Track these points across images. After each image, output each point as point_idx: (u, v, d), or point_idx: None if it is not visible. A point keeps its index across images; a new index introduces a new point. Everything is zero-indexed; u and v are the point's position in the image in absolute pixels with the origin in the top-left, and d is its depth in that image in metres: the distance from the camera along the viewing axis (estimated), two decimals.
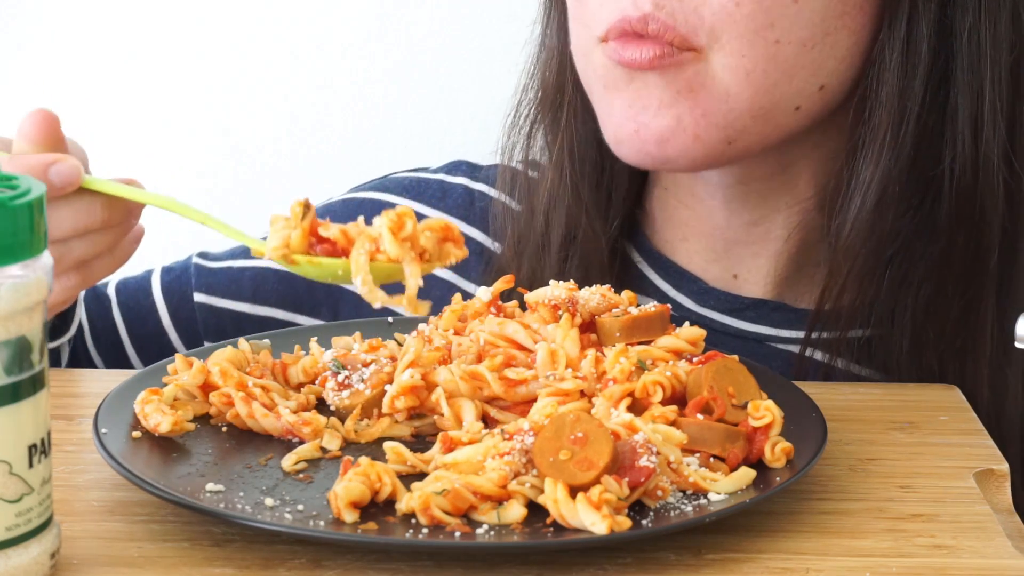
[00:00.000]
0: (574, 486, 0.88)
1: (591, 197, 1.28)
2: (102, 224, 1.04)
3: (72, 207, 1.03)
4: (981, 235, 1.20)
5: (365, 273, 0.95)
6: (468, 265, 1.31)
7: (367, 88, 1.74)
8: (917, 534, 0.92)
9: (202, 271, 1.36)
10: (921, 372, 1.21)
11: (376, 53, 1.73)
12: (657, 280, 1.30)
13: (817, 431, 0.99)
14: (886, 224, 1.20)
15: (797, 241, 1.27)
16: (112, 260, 1.08)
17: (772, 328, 1.27)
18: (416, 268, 0.96)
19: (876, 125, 1.19)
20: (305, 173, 1.76)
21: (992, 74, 1.19)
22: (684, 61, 1.15)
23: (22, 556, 0.83)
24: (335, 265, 0.97)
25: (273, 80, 1.74)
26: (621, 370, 0.99)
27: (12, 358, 0.81)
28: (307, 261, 0.97)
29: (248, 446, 0.99)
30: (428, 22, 1.72)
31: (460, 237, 0.99)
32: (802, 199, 1.26)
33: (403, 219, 0.96)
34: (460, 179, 1.37)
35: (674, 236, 1.30)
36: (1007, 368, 1.22)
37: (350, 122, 1.73)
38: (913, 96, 1.18)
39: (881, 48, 1.18)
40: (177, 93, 1.75)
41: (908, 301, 1.21)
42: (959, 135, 1.19)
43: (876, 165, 1.19)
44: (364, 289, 0.95)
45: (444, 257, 0.99)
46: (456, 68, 1.74)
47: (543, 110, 1.30)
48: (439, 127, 1.74)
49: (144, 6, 1.73)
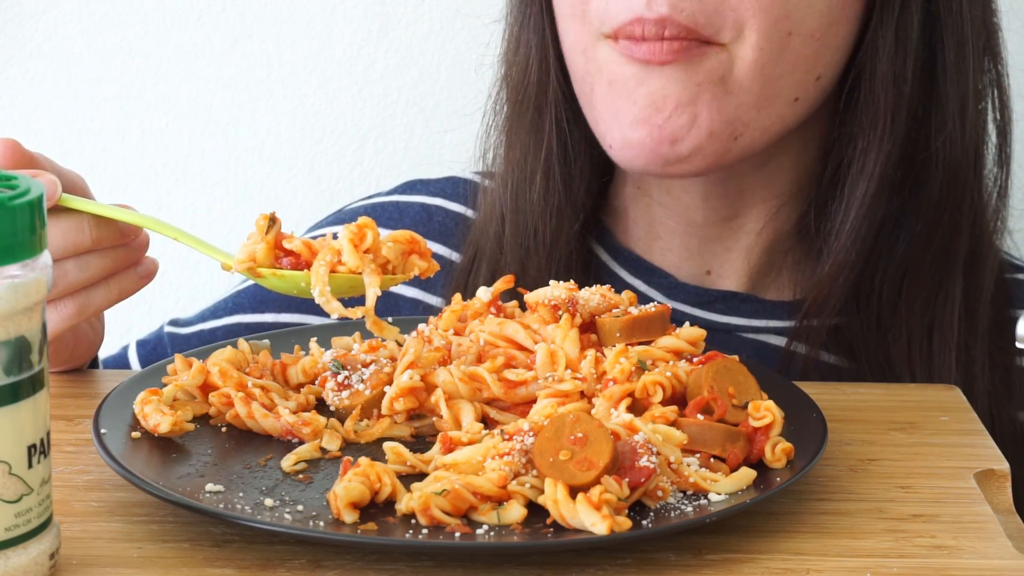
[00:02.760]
0: (574, 486, 0.88)
1: (559, 196, 1.28)
2: (92, 243, 1.04)
3: (60, 226, 1.03)
4: (960, 216, 1.22)
5: (323, 284, 0.97)
6: (432, 281, 1.31)
7: (367, 88, 1.74)
8: (917, 534, 0.92)
9: (176, 338, 1.37)
10: (888, 355, 1.22)
11: (376, 53, 1.73)
12: (627, 277, 1.30)
13: (817, 431, 0.99)
14: (881, 209, 1.21)
15: (770, 234, 1.27)
16: (109, 292, 1.07)
17: (741, 319, 1.27)
18: (375, 279, 0.97)
19: (873, 112, 1.20)
20: (305, 173, 1.76)
21: (974, 56, 1.22)
22: (707, 53, 1.15)
23: (21, 556, 0.83)
24: (298, 277, 0.99)
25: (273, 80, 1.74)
26: (621, 370, 0.99)
27: (12, 358, 0.81)
28: (272, 274, 0.99)
29: (248, 446, 0.99)
30: (428, 22, 1.72)
31: (426, 250, 1.00)
32: (778, 193, 1.27)
33: (363, 230, 0.98)
34: (415, 197, 1.37)
35: (647, 234, 1.30)
36: (975, 348, 1.23)
37: (350, 122, 1.73)
38: (906, 81, 1.20)
39: (874, 34, 1.20)
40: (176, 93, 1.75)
41: (876, 284, 1.23)
42: (949, 118, 1.21)
43: (878, 151, 1.20)
44: (322, 300, 0.97)
45: (408, 269, 1.00)
46: (456, 68, 1.73)
47: (522, 110, 1.29)
48: (439, 126, 1.74)
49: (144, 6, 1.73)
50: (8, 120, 1.75)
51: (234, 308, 1.37)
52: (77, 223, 1.04)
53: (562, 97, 1.26)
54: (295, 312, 1.34)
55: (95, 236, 1.04)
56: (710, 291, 1.28)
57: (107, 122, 1.75)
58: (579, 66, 1.21)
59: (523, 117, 1.28)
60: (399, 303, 1.33)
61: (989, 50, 1.24)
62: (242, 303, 1.37)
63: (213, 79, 1.75)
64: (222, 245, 1.39)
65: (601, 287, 1.06)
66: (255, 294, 1.37)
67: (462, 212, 1.34)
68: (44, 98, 1.74)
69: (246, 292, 1.37)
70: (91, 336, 1.14)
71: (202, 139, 1.76)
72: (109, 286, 1.07)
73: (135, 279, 1.08)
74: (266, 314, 1.36)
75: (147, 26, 1.74)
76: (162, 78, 1.75)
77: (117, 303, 1.08)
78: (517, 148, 1.29)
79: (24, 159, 1.04)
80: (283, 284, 1.00)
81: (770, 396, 1.00)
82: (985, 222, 1.25)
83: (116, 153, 1.75)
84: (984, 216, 1.25)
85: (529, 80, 1.28)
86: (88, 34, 1.74)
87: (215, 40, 1.74)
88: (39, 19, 1.74)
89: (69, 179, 1.06)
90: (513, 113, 1.29)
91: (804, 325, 1.24)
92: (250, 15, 1.74)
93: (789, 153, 1.26)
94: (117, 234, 1.05)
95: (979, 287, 1.24)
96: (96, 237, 1.04)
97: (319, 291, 0.97)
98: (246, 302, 1.37)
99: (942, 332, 1.23)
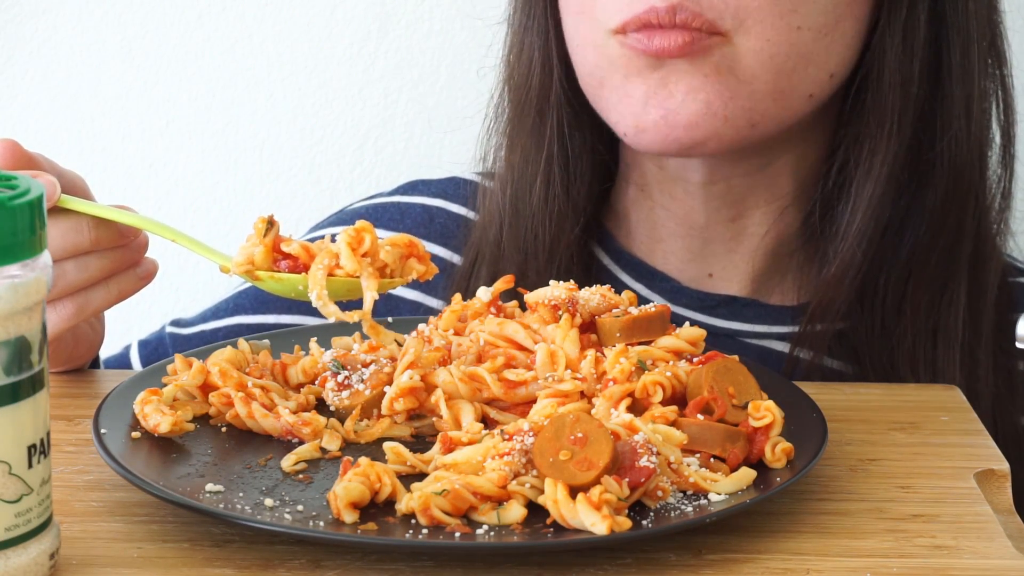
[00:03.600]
0: (574, 486, 0.88)
1: (559, 200, 1.28)
2: (91, 244, 1.04)
3: (59, 226, 1.03)
4: (964, 218, 1.22)
5: (320, 288, 0.97)
6: (433, 283, 1.31)
7: (367, 88, 1.74)
8: (917, 534, 0.92)
9: (177, 339, 1.37)
10: (893, 359, 1.22)
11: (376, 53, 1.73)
12: (629, 281, 1.30)
13: (817, 431, 0.99)
14: (887, 210, 1.21)
15: (773, 238, 1.27)
16: (108, 292, 1.07)
17: (744, 324, 1.27)
18: (373, 282, 0.97)
19: (881, 112, 1.20)
20: (305, 173, 1.76)
21: (979, 57, 1.22)
22: (712, 45, 1.16)
23: (21, 556, 0.83)
24: (295, 280, 0.99)
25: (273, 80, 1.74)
26: (621, 370, 0.99)
27: (11, 358, 0.81)
28: (269, 277, 1.00)
29: (248, 446, 0.99)
30: (428, 22, 1.72)
31: (425, 254, 1.01)
32: (781, 195, 1.27)
33: (361, 234, 0.98)
34: (416, 198, 1.37)
35: (649, 237, 1.30)
36: (979, 351, 1.23)
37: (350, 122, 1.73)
38: (914, 82, 1.20)
39: (882, 35, 1.20)
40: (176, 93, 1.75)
41: (880, 287, 1.23)
42: (955, 119, 1.21)
43: (885, 151, 1.20)
44: (319, 303, 0.97)
45: (406, 272, 1.00)
46: (456, 68, 1.73)
47: (524, 112, 1.29)
48: (440, 126, 1.74)
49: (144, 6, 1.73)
50: (8, 120, 1.75)
51: (235, 309, 1.37)
52: (76, 224, 1.04)
53: (564, 101, 1.27)
54: (297, 313, 1.35)
55: (94, 237, 1.04)
56: (712, 296, 1.28)
57: (107, 122, 1.75)
58: (589, 61, 1.21)
59: (524, 120, 1.28)
60: (399, 305, 1.33)
61: (994, 50, 1.24)
62: (243, 304, 1.37)
63: (213, 79, 1.75)
64: (222, 245, 1.38)
65: (601, 287, 1.06)
66: (256, 295, 1.37)
67: (463, 214, 1.34)
68: (44, 98, 1.74)
69: (247, 293, 1.37)
70: (91, 336, 1.14)
71: (202, 139, 1.76)
72: (108, 287, 1.07)
73: (134, 280, 1.08)
74: (267, 315, 1.36)
75: (147, 26, 1.74)
76: (162, 78, 1.75)
77: (116, 304, 1.08)
78: (518, 151, 1.29)
79: (23, 159, 1.04)
80: (281, 287, 1.00)
81: (770, 396, 1.00)
82: (989, 224, 1.25)
83: (116, 153, 1.75)
84: (988, 218, 1.25)
85: (531, 83, 1.28)
86: (88, 34, 1.74)
87: (215, 40, 1.74)
88: (39, 19, 1.74)
89: (69, 180, 1.06)
90: (515, 116, 1.29)
91: (808, 330, 1.23)
92: (250, 15, 1.74)
93: (791, 155, 1.26)
94: (116, 235, 1.05)
95: (983, 289, 1.24)
96: (95, 238, 1.04)
97: (316, 295, 0.97)
98: (247, 303, 1.37)
99: (946, 335, 1.23)
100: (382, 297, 1.22)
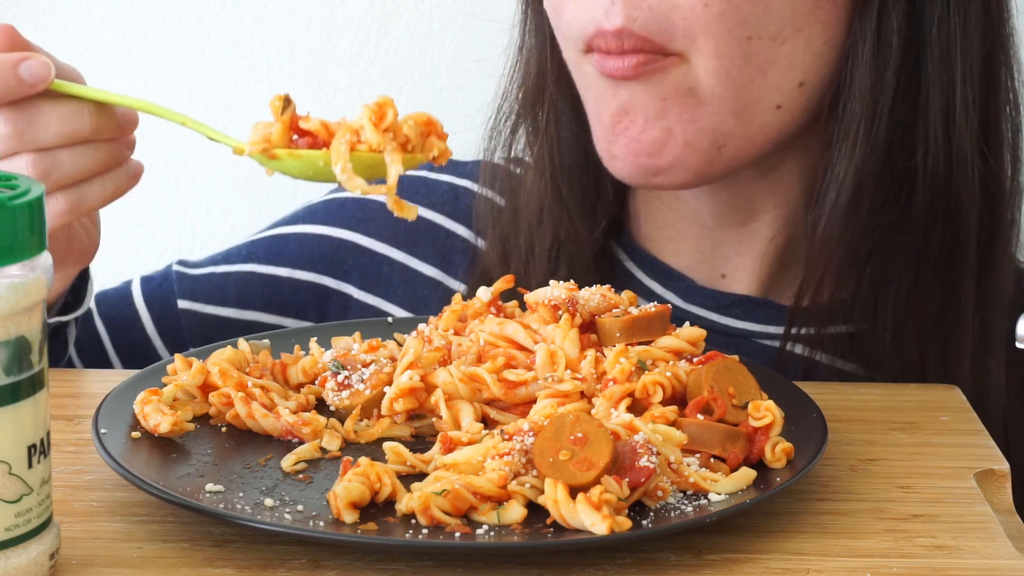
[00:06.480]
0: (574, 486, 0.88)
1: (575, 197, 1.28)
2: (91, 132, 1.01)
3: (59, 111, 1.00)
4: (957, 228, 1.21)
5: (345, 161, 0.94)
6: (454, 263, 1.31)
7: (367, 88, 1.74)
8: (917, 534, 0.92)
9: (184, 278, 1.35)
10: (904, 365, 1.22)
11: (376, 53, 1.73)
12: (644, 279, 1.30)
13: (817, 431, 0.99)
14: (861, 218, 1.20)
15: (783, 240, 1.27)
16: (104, 188, 1.04)
17: (757, 324, 1.27)
18: (397, 156, 0.95)
19: (849, 119, 1.19)
20: None
21: (963, 66, 1.19)
22: (668, 66, 1.15)
23: (21, 556, 0.83)
24: (316, 156, 0.96)
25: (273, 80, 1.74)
26: (621, 370, 0.99)
27: (11, 358, 0.81)
28: (288, 154, 0.97)
29: (248, 446, 0.99)
30: (428, 22, 1.72)
31: (444, 133, 0.98)
32: (789, 199, 1.26)
33: (384, 108, 0.96)
34: (444, 176, 1.37)
35: (660, 236, 1.30)
36: (989, 359, 1.23)
37: None
38: (885, 89, 1.18)
39: (853, 42, 1.18)
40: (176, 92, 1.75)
41: (889, 295, 1.22)
42: (932, 128, 1.19)
43: (850, 159, 1.19)
44: (344, 176, 0.94)
45: (427, 149, 0.98)
46: (456, 68, 1.73)
47: (524, 111, 1.29)
48: None
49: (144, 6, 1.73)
50: None
51: (248, 256, 1.34)
52: (77, 109, 1.00)
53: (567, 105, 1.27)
54: (311, 271, 1.33)
55: (96, 124, 1.01)
56: (726, 295, 1.28)
57: None
58: (575, 77, 1.22)
59: (537, 117, 1.29)
60: (417, 280, 1.32)
61: (1004, 56, 1.22)
62: (256, 252, 1.34)
63: (213, 79, 1.75)
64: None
65: (601, 287, 1.06)
66: (270, 245, 1.34)
67: (489, 197, 1.33)
68: None
69: (261, 242, 1.35)
70: (85, 241, 1.11)
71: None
72: (104, 182, 1.04)
73: (127, 177, 1.05)
74: (281, 267, 1.33)
75: (147, 26, 1.74)
76: (162, 78, 1.75)
77: (111, 202, 1.05)
78: (536, 145, 1.29)
79: (19, 44, 1.01)
80: (300, 165, 0.97)
81: (770, 396, 1.00)
82: (1001, 233, 1.24)
83: None
84: (999, 228, 1.24)
85: (528, 85, 1.29)
86: (88, 34, 1.74)
87: (215, 40, 1.74)
88: (39, 19, 1.74)
89: (65, 70, 1.03)
90: (523, 110, 1.30)
91: (800, 333, 1.23)
92: (250, 15, 1.74)
93: (794, 160, 1.25)
94: (115, 125, 1.02)
95: (994, 298, 1.23)
96: (96, 126, 1.01)
97: (341, 167, 0.94)
98: (261, 252, 1.34)
99: (956, 343, 1.22)
100: (402, 271, 1.20)
